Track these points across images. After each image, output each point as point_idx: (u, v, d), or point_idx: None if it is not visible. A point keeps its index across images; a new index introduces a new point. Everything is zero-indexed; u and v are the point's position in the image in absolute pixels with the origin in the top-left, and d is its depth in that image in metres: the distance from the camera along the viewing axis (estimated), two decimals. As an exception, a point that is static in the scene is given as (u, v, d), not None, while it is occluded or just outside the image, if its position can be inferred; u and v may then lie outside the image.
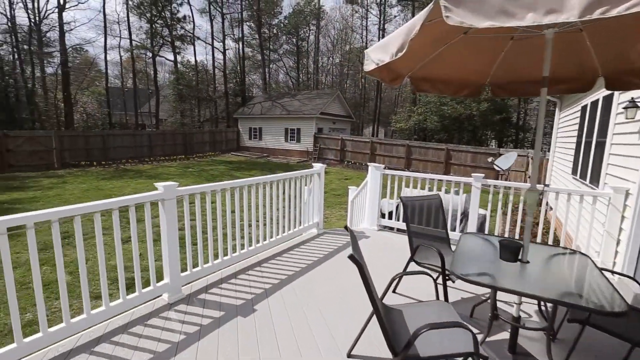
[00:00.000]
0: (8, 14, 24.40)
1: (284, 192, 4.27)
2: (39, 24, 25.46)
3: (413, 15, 30.54)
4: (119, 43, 29.64)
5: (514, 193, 4.21)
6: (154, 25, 28.31)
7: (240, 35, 34.29)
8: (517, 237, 3.81)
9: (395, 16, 36.86)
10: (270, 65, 43.90)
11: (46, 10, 25.61)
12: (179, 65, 31.51)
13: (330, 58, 48.13)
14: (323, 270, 3.66)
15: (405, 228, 3.21)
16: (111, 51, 36.68)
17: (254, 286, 3.23)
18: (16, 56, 24.59)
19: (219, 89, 33.98)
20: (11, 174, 14.49)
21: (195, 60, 32.58)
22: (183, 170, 16.49)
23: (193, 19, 30.93)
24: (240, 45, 34.43)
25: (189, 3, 30.23)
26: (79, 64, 36.82)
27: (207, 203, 3.25)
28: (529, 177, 11.76)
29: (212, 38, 31.98)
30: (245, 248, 3.79)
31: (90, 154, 17.79)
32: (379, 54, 1.95)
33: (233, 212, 3.79)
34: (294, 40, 43.88)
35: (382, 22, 34.32)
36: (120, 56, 31.77)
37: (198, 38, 31.67)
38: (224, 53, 32.01)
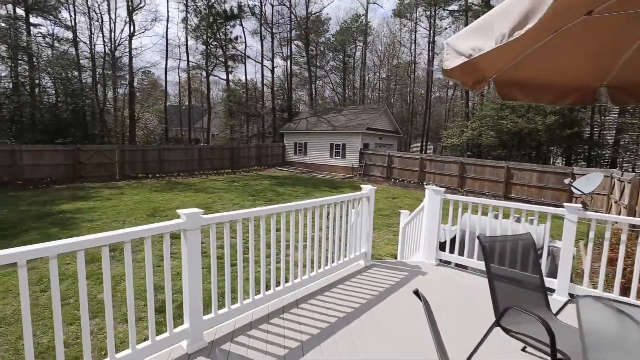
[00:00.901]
0: (89, 43, 27.63)
1: (327, 218, 3.70)
2: (114, 50, 28.45)
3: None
4: (179, 65, 32.09)
5: (628, 231, 3.19)
6: (209, 47, 30.21)
7: (289, 54, 35.30)
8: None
9: (445, 28, 35.54)
10: (317, 82, 44.60)
11: (120, 38, 28.61)
12: (230, 83, 33.15)
13: (377, 73, 47.72)
14: (373, 317, 2.99)
15: (471, 265, 2.43)
16: (171, 72, 40.07)
17: (288, 335, 2.67)
18: (95, 79, 27.61)
19: (267, 105, 35.04)
20: (80, 184, 15.76)
21: (246, 78, 34.08)
22: (228, 185, 16.77)
23: (245, 39, 32.72)
24: (288, 63, 35.40)
25: (241, 24, 31.84)
26: (145, 85, 40.47)
27: (238, 233, 2.78)
28: (615, 203, 9.93)
29: (262, 57, 33.30)
30: (280, 285, 3.25)
31: (147, 167, 18.93)
32: (472, 41, 1.33)
33: (268, 243, 3.29)
34: (341, 56, 44.23)
35: (432, 34, 33.21)
36: (179, 76, 34.33)
37: (249, 57, 33.22)
38: (272, 71, 33.08)
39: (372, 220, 4.38)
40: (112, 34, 28.08)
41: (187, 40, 30.13)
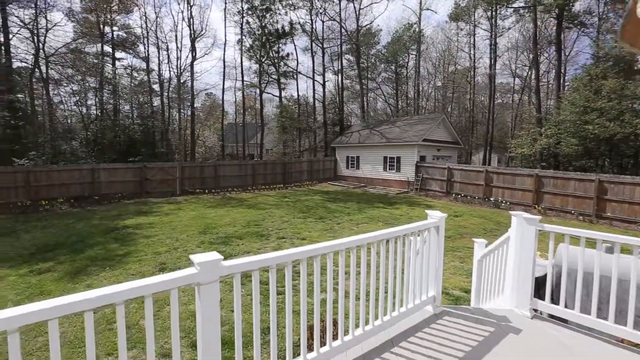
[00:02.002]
0: (158, 70, 30.50)
1: (387, 256, 2.94)
2: (179, 75, 31.03)
3: (534, 24, 26.29)
4: (235, 84, 33.87)
5: None
6: (262, 65, 31.46)
7: (340, 68, 35.29)
8: None
9: (508, 28, 32.68)
10: (369, 94, 43.94)
11: (185, 65, 31.15)
12: (283, 100, 34.02)
13: (431, 82, 45.63)
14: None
15: (576, 320, 1.49)
16: (228, 92, 42.59)
17: None
18: (163, 102, 30.33)
19: (319, 120, 35.20)
20: (145, 199, 16.86)
21: (298, 94, 34.71)
22: (280, 200, 16.65)
23: (296, 56, 33.38)
24: (339, 77, 35.37)
25: (292, 42, 32.68)
26: (207, 105, 43.45)
27: (271, 283, 2.16)
28: None
29: (313, 72, 33.69)
30: (327, 344, 2.55)
31: (204, 182, 19.78)
32: None
33: (310, 288, 2.63)
34: (393, 67, 43.17)
35: (493, 36, 30.67)
36: (235, 96, 36.22)
37: (300, 73, 33.84)
38: (323, 85, 33.24)
39: (443, 255, 3.50)
40: (179, 61, 30.72)
41: (242, 61, 31.76)
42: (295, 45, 33.92)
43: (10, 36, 22.17)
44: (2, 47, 21.38)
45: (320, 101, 33.68)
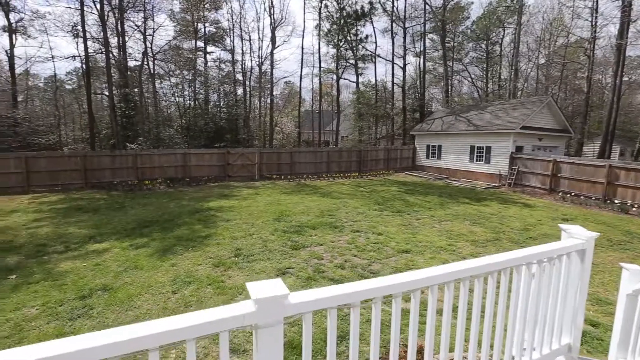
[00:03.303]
0: (241, 61, 32.20)
1: (509, 288, 2.13)
2: (260, 64, 32.34)
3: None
4: (312, 71, 34.00)
5: None
6: (339, 50, 30.78)
7: (422, 49, 32.60)
8: None
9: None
10: (453, 77, 39.98)
11: (266, 54, 32.30)
12: (360, 85, 32.99)
13: (532, 60, 39.24)
14: None
15: None
16: (306, 78, 43.16)
17: None
18: (245, 91, 32.15)
19: (397, 106, 33.33)
20: (228, 183, 18.02)
21: (375, 79, 33.26)
22: (354, 190, 16.10)
23: (375, 38, 31.81)
24: (421, 60, 32.72)
25: (371, 23, 31.07)
26: (285, 93, 44.86)
27: (352, 325, 1.59)
28: None
29: (393, 55, 31.74)
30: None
31: (281, 168, 20.32)
32: None
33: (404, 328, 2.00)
34: (483, 45, 38.31)
35: (626, -3, 24.44)
36: (312, 82, 36.41)
37: (378, 56, 32.22)
38: (404, 68, 31.12)
39: (587, 290, 2.50)
40: (260, 51, 31.98)
41: (319, 47, 31.56)
42: (374, 27, 32.47)
43: (127, 38, 25.58)
44: (120, 49, 24.81)
45: (400, 86, 31.71)
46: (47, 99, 33.13)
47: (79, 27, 23.47)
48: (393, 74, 32.50)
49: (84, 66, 23.84)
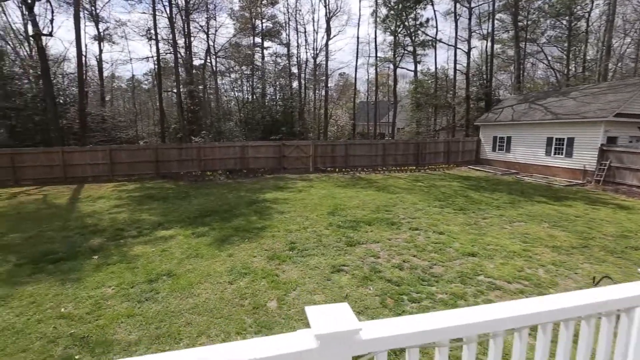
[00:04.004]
0: (296, 54, 32.45)
1: None
2: (315, 57, 32.29)
3: None
4: (368, 61, 32.97)
5: None
6: (397, 37, 29.35)
7: (490, 30, 29.59)
8: None
9: None
10: (526, 60, 35.80)
11: (320, 46, 32.12)
12: (418, 74, 31.23)
13: (628, 36, 33.37)
14: None
15: None
16: (361, 69, 42.27)
17: None
18: (300, 83, 32.45)
19: (459, 95, 30.92)
20: (282, 175, 18.34)
21: (435, 66, 31.15)
22: (412, 184, 15.26)
23: (436, 22, 29.60)
24: (489, 43, 29.75)
25: (432, 5, 28.94)
26: (340, 85, 44.44)
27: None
28: None
29: (456, 39, 29.34)
30: None
31: (335, 161, 20.12)
32: None
33: None
34: (565, 22, 33.50)
35: None
36: (368, 73, 35.40)
37: (440, 41, 30.03)
38: (468, 53, 28.62)
39: None
40: (315, 43, 31.89)
41: (375, 34, 30.43)
42: (434, 10, 30.25)
43: (192, 39, 27.30)
44: (187, 49, 26.57)
45: (463, 72, 29.32)
46: (127, 97, 37.06)
47: (152, 31, 25.63)
48: (455, 59, 30.12)
49: (156, 66, 26.04)
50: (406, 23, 28.92)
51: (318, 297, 5.11)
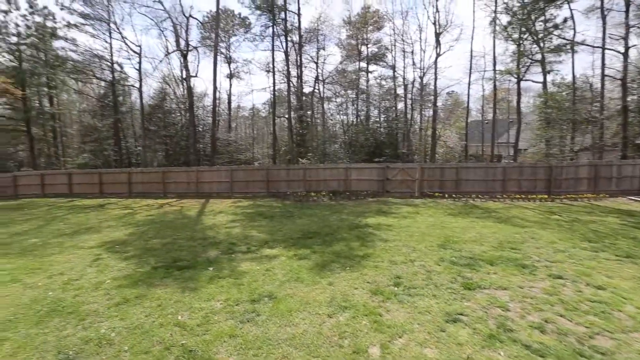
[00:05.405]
0: (402, 74, 31.71)
1: None
2: (422, 76, 31.00)
3: None
4: (483, 76, 29.80)
5: None
6: (521, 45, 25.68)
7: (658, 23, 23.10)
8: None
9: None
10: None
11: (428, 65, 30.73)
12: (548, 85, 26.52)
13: None
14: None
15: None
16: (473, 85, 38.58)
17: None
18: (406, 104, 31.51)
19: (610, 106, 24.83)
20: (386, 199, 17.57)
21: (573, 74, 25.89)
22: (544, 217, 12.50)
23: (574, 23, 24.74)
24: (656, 38, 23.22)
25: (568, 3, 24.31)
26: (448, 104, 41.61)
27: None
28: None
29: (604, 39, 23.84)
30: None
31: (444, 185, 18.29)
32: None
33: None
34: None
35: None
36: (483, 88, 31.98)
37: (581, 43, 24.90)
38: (625, 54, 22.74)
39: None
40: (422, 62, 30.68)
41: (494, 45, 27.30)
42: (571, 9, 25.40)
43: (303, 69, 29.69)
44: (298, 78, 28.97)
45: (617, 78, 23.48)
46: (248, 124, 42.53)
47: (270, 65, 28.92)
48: (603, 64, 24.38)
49: (272, 96, 29.12)
50: (533, 29, 25.13)
51: (430, 352, 4.22)
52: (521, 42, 26.14)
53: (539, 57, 26.05)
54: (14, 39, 25.81)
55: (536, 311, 5.18)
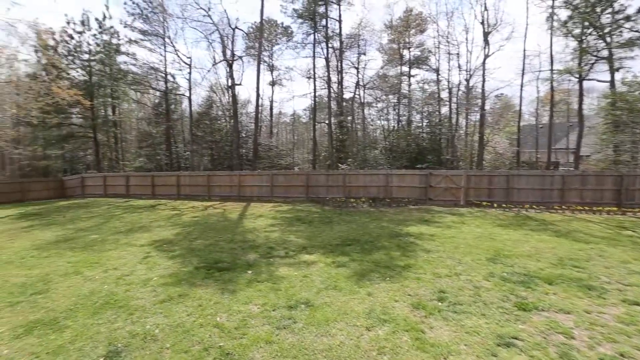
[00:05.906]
0: (447, 77, 30.38)
1: None
2: (469, 79, 29.47)
3: None
4: (538, 76, 27.58)
5: None
6: (583, 42, 23.37)
7: None
8: None
9: None
10: None
11: (475, 66, 29.16)
12: (617, 84, 23.81)
13: None
14: None
15: None
16: (527, 86, 35.78)
17: None
18: (450, 108, 30.16)
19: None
20: (428, 207, 16.82)
21: (649, 73, 23.04)
22: (614, 232, 11.11)
23: (650, 16, 21.99)
24: None
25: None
26: (497, 108, 39.15)
27: None
28: None
29: (689, 33, 20.94)
30: None
31: (492, 194, 17.09)
32: None
33: None
34: None
35: None
36: (538, 90, 29.60)
37: (659, 39, 22.06)
38: None
39: None
40: (468, 64, 29.16)
41: (551, 43, 25.16)
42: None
43: (344, 74, 29.69)
44: (339, 84, 29.00)
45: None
46: (289, 129, 43.41)
47: (311, 71, 29.30)
48: (688, 60, 21.41)
49: (313, 102, 29.43)
50: (599, 21, 22.79)
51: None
52: (584, 37, 23.81)
53: (605, 53, 23.53)
54: (86, 56, 28.92)
55: (608, 342, 4.52)
